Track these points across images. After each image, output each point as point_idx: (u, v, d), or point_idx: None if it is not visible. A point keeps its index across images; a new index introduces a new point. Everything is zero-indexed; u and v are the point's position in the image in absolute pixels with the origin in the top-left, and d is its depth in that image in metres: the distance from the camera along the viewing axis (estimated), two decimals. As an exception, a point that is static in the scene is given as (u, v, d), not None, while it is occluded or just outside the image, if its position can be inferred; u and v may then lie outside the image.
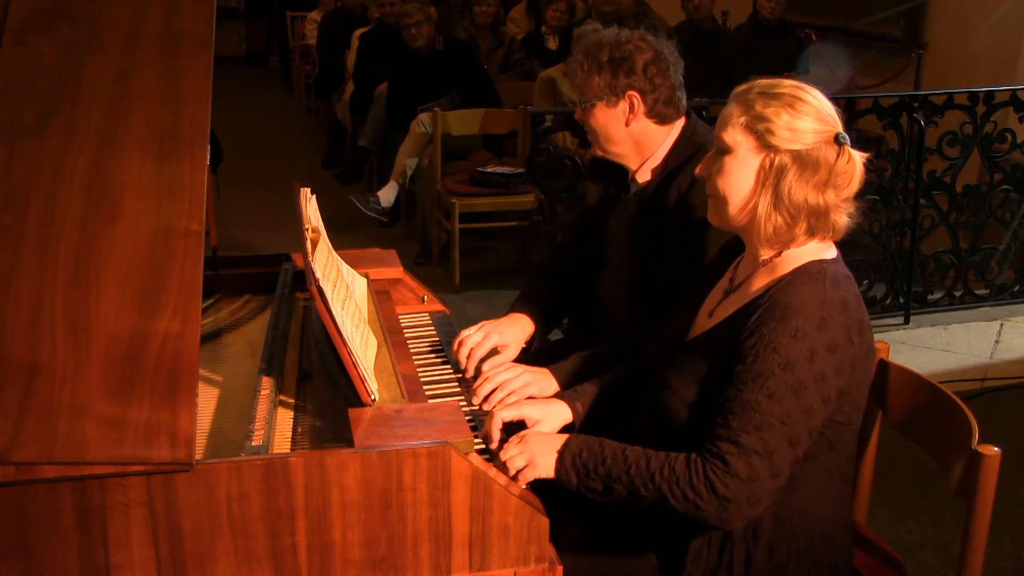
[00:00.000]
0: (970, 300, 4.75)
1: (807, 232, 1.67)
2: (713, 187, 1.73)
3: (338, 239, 2.34)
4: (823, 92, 1.70)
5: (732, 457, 1.58)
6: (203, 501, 1.51)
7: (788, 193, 1.64)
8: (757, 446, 1.58)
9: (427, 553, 1.60)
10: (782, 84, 1.69)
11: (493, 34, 6.70)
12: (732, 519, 1.61)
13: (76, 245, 1.62)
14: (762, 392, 1.58)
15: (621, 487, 1.66)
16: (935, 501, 3.11)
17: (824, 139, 1.64)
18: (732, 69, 5.97)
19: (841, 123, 1.68)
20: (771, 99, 1.66)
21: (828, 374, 1.60)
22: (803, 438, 1.61)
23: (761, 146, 1.66)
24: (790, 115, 1.64)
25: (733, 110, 1.69)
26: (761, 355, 1.60)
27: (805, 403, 1.59)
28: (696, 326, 1.84)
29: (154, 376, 1.52)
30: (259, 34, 12.61)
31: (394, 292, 2.44)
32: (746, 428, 1.58)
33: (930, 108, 4.40)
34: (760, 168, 1.66)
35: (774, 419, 1.58)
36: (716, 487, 1.59)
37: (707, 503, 1.59)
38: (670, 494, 1.62)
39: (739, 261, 1.81)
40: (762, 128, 1.65)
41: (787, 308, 1.61)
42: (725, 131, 1.69)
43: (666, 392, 1.77)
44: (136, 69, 1.82)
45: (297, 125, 9.35)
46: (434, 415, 1.76)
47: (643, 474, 1.64)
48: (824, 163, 1.63)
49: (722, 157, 1.70)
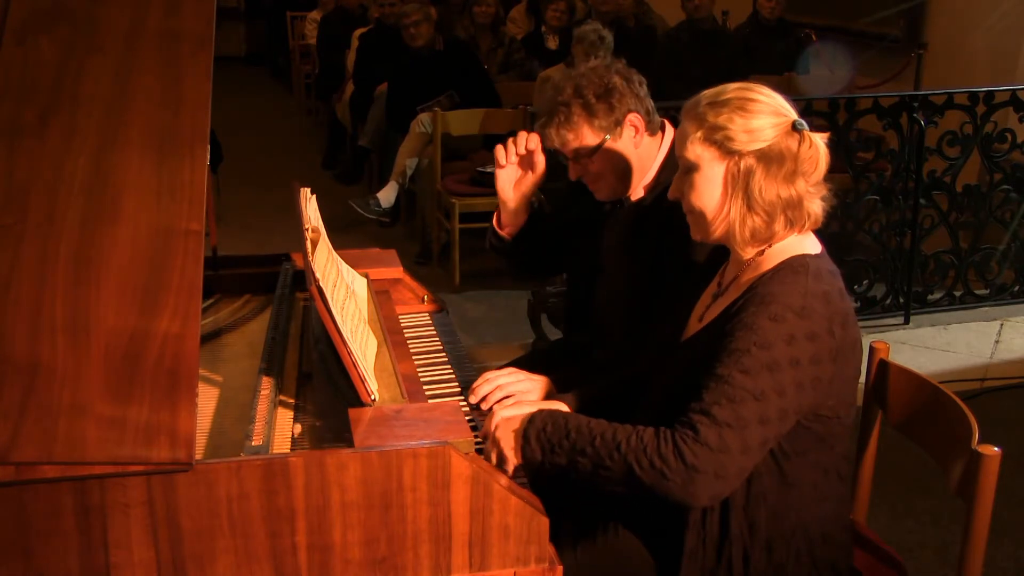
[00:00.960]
0: (970, 300, 4.75)
1: (786, 226, 1.68)
2: (688, 204, 1.74)
3: (338, 239, 2.34)
4: (765, 90, 1.71)
5: (703, 427, 1.57)
6: (203, 501, 1.51)
7: (759, 193, 1.65)
8: (729, 418, 1.57)
9: (427, 553, 1.60)
10: (727, 90, 1.70)
11: (493, 34, 6.70)
12: (698, 492, 1.57)
13: (76, 245, 1.62)
14: (737, 367, 1.58)
15: (586, 460, 1.64)
16: (935, 501, 3.11)
17: (782, 131, 1.65)
18: (732, 69, 5.96)
19: (795, 111, 1.69)
20: (721, 107, 1.67)
21: (804, 361, 1.59)
22: (774, 418, 1.59)
23: (723, 154, 1.67)
24: (743, 117, 1.65)
25: (687, 127, 1.70)
26: (739, 334, 1.60)
27: (778, 383, 1.58)
28: (687, 330, 1.85)
29: (154, 376, 1.52)
30: (259, 34, 12.60)
31: (394, 292, 2.44)
32: (719, 400, 1.58)
33: (930, 108, 4.40)
34: (727, 175, 1.68)
35: (747, 393, 1.57)
36: (685, 455, 1.56)
37: (674, 472, 1.56)
38: (636, 463, 1.59)
39: (726, 265, 1.82)
40: (720, 137, 1.66)
41: (768, 295, 1.62)
42: (685, 149, 1.71)
43: (656, 396, 1.78)
44: (136, 69, 1.82)
45: (297, 125, 9.35)
46: (434, 415, 1.76)
47: (608, 445, 1.62)
48: (788, 154, 1.64)
49: (690, 174, 1.71)
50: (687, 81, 6.03)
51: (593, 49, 5.46)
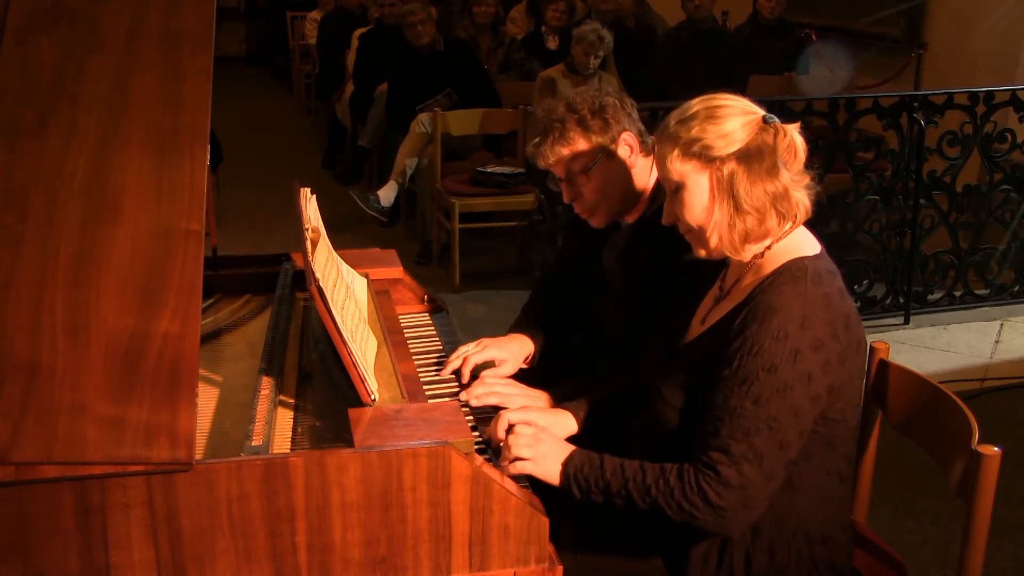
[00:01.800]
0: (970, 300, 4.75)
1: (779, 221, 1.69)
2: (684, 224, 1.74)
3: (338, 239, 2.34)
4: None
5: (723, 467, 1.59)
6: (203, 501, 1.51)
7: (745, 193, 1.66)
8: (747, 453, 1.58)
9: (427, 553, 1.60)
10: (691, 105, 1.72)
11: (493, 34, 6.70)
12: (730, 526, 1.62)
13: (76, 245, 1.62)
14: (748, 398, 1.59)
15: (620, 500, 1.68)
16: (935, 501, 3.11)
17: (754, 128, 1.66)
18: (732, 69, 5.97)
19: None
20: (690, 120, 1.69)
21: (815, 373, 1.60)
22: (793, 439, 1.61)
23: (704, 163, 1.68)
24: (714, 124, 1.67)
25: (664, 149, 1.71)
26: (745, 359, 1.61)
27: (792, 404, 1.59)
28: (689, 333, 1.85)
29: (154, 376, 1.52)
30: (259, 34, 12.60)
31: (394, 292, 2.44)
32: (734, 435, 1.59)
33: (930, 108, 4.40)
34: (712, 183, 1.68)
35: (761, 424, 1.58)
36: (710, 497, 1.59)
37: (703, 513, 1.60)
38: (667, 506, 1.63)
39: (727, 268, 1.82)
40: (697, 148, 1.67)
41: (768, 308, 1.62)
42: (667, 171, 1.71)
43: (658, 399, 1.78)
44: (136, 69, 1.82)
45: (297, 125, 9.35)
46: (434, 415, 1.76)
47: (640, 488, 1.65)
48: (766, 148, 1.66)
49: (678, 194, 1.72)
50: (687, 81, 6.05)
51: (592, 49, 5.46)
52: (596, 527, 1.84)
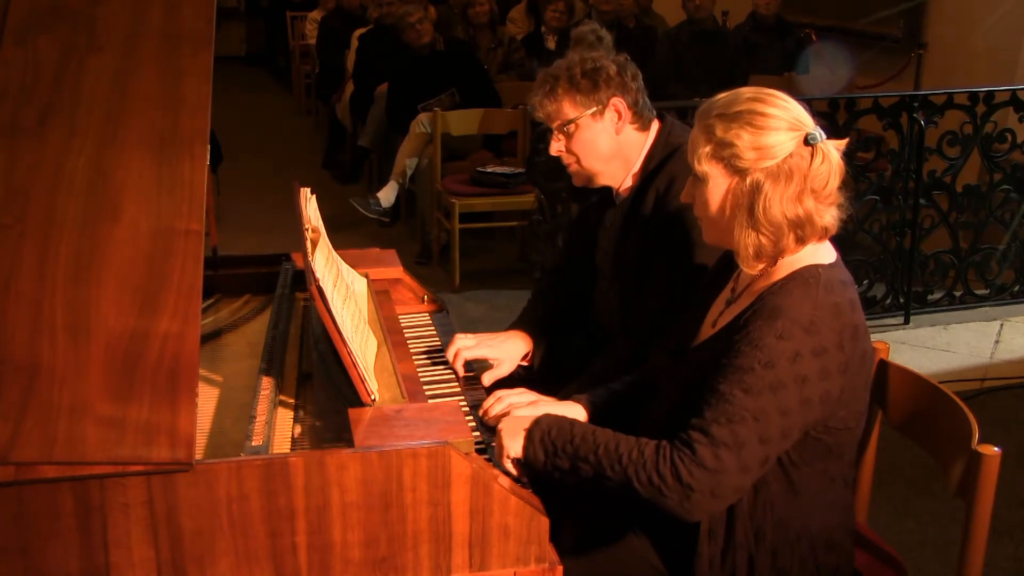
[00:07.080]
0: (970, 300, 4.75)
1: (796, 242, 1.65)
2: (698, 210, 1.73)
3: (338, 239, 2.34)
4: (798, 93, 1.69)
5: (700, 446, 1.56)
6: (203, 501, 1.51)
7: (763, 212, 1.61)
8: (727, 438, 1.56)
9: (427, 553, 1.60)
10: (740, 98, 1.64)
11: (492, 33, 6.70)
12: (694, 509, 1.58)
13: (76, 245, 1.62)
14: (739, 386, 1.57)
15: (587, 466, 1.64)
16: (935, 501, 3.11)
17: (794, 147, 1.60)
18: (732, 69, 5.97)
19: (812, 117, 1.64)
20: (731, 120, 1.62)
21: (811, 377, 1.58)
22: (775, 437, 1.59)
23: (730, 172, 1.64)
24: (751, 134, 1.60)
25: (697, 137, 1.67)
26: (744, 351, 1.59)
27: (782, 402, 1.57)
28: (700, 335, 1.84)
29: (154, 376, 1.52)
30: (259, 34, 12.60)
31: (394, 292, 2.44)
32: (718, 419, 1.57)
33: (930, 108, 4.40)
34: (732, 193, 1.65)
35: (747, 413, 1.56)
36: (681, 474, 1.56)
37: (670, 491, 1.57)
38: (635, 477, 1.59)
39: (740, 271, 1.81)
40: (727, 154, 1.63)
41: (776, 309, 1.60)
42: (696, 162, 1.67)
43: (664, 401, 1.78)
44: (136, 69, 1.82)
45: (297, 125, 9.35)
46: (434, 415, 1.76)
47: (611, 455, 1.62)
48: (797, 171, 1.60)
49: (699, 184, 1.69)
50: (687, 81, 6.06)
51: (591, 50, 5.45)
52: (596, 527, 1.84)
